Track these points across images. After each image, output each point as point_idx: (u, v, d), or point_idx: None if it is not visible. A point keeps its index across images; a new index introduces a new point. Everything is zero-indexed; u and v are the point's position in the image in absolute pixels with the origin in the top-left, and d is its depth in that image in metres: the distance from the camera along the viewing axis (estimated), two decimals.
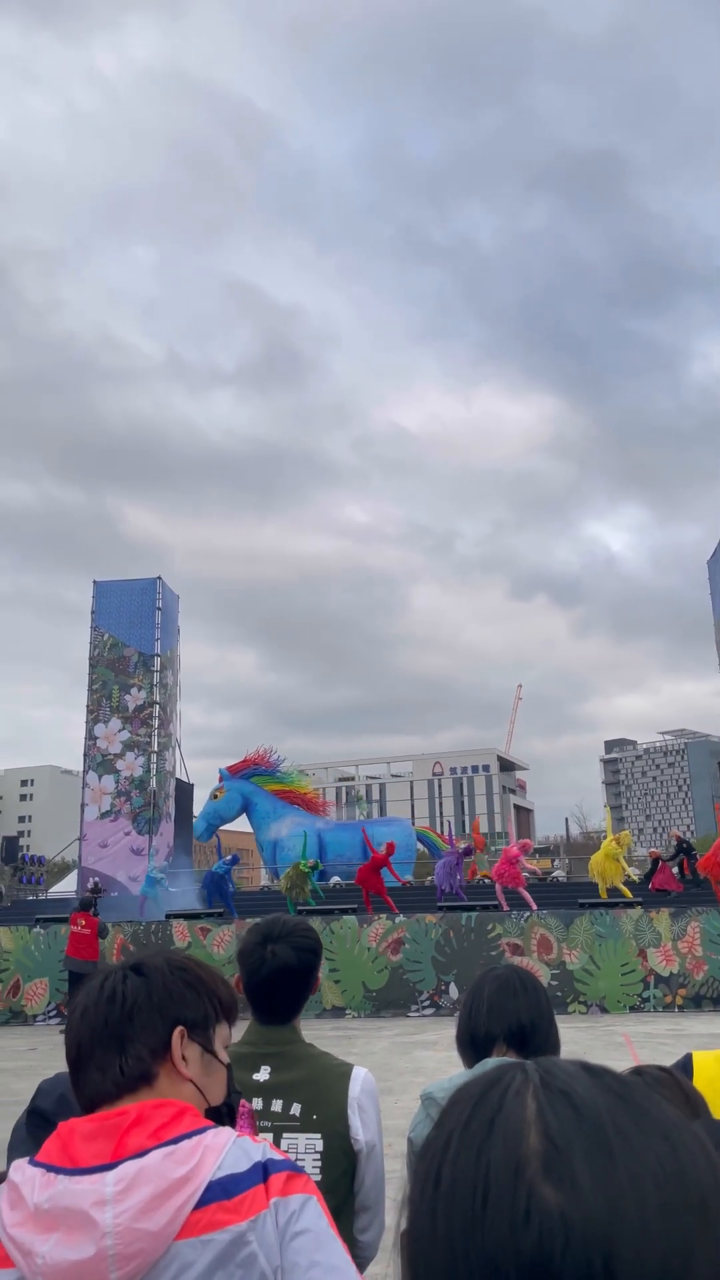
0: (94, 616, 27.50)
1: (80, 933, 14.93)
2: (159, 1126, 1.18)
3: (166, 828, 27.05)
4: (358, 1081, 2.07)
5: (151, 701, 26.67)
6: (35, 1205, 1.12)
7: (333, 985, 15.52)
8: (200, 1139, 1.17)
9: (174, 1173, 1.13)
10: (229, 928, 16.48)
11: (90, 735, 26.66)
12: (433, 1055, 11.05)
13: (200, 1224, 1.11)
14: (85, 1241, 1.09)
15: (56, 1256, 1.09)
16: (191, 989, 1.36)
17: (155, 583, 27.71)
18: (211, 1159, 1.15)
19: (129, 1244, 1.09)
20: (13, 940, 16.81)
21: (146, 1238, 1.09)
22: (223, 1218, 1.12)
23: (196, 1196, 1.12)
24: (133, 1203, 1.10)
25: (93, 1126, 1.19)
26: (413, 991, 15.57)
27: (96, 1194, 1.11)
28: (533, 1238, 0.50)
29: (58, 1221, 1.11)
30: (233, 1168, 1.16)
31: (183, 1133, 1.18)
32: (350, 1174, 2.02)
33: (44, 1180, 1.15)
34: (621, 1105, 0.55)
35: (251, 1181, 1.16)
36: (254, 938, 2.16)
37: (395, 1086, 9.07)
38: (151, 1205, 1.10)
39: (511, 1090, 0.57)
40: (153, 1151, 1.14)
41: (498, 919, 15.95)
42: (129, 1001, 1.32)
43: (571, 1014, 14.62)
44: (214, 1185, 1.14)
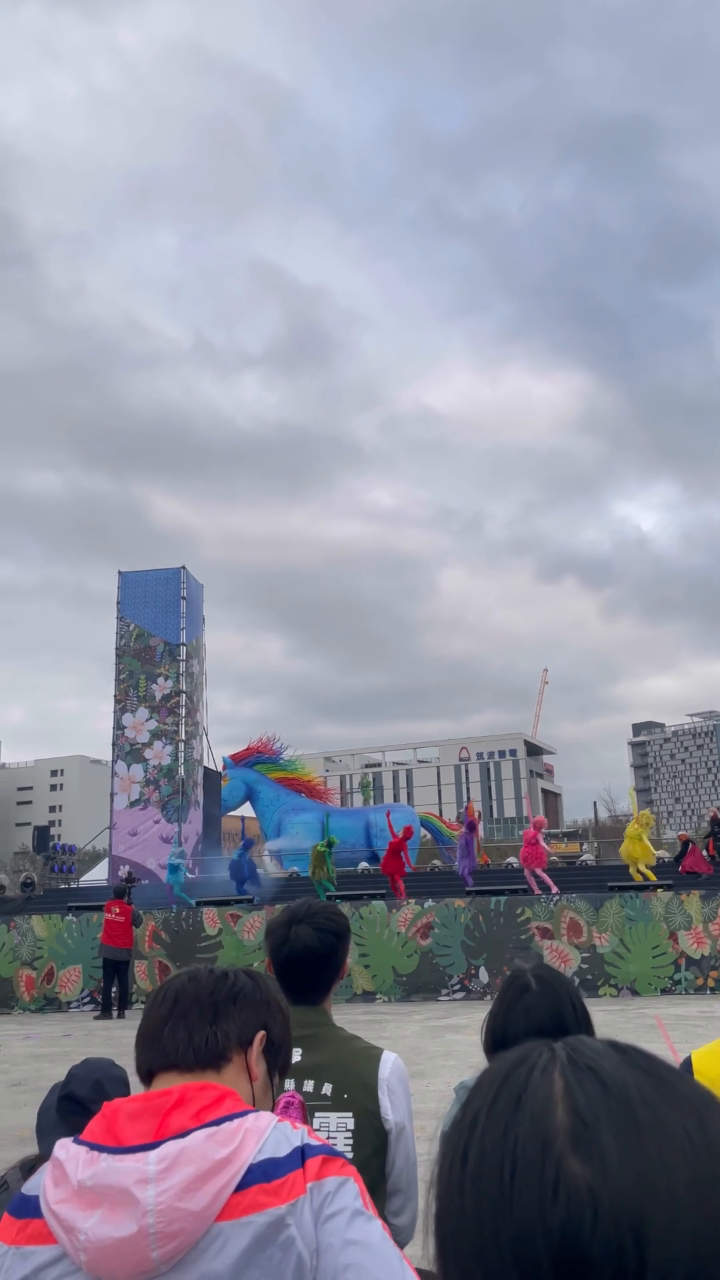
0: (120, 607, 27.68)
1: (115, 920, 15.11)
2: (201, 1108, 1.20)
3: (195, 815, 27.27)
4: (387, 1064, 2.09)
5: (178, 691, 26.84)
6: (78, 1182, 1.14)
7: (363, 970, 15.59)
8: (241, 1122, 1.19)
9: (215, 1154, 1.14)
10: (259, 914, 16.60)
11: (118, 725, 26.89)
12: (463, 1039, 11.08)
13: (241, 1206, 1.13)
14: (127, 1219, 1.10)
15: (99, 1233, 1.10)
16: (283, 1020, 1.44)
17: (180, 572, 27.83)
18: (252, 1142, 1.17)
19: (170, 1222, 1.10)
20: (46, 928, 17.03)
21: (187, 1217, 1.10)
22: (263, 1200, 1.13)
23: (238, 1179, 1.14)
24: (174, 1182, 1.11)
25: (137, 1106, 1.21)
26: (443, 976, 15.61)
27: (139, 1172, 1.12)
28: (561, 1212, 0.50)
29: (100, 1199, 1.12)
30: (273, 1152, 1.17)
31: (224, 1115, 1.19)
32: (381, 1153, 2.03)
33: (87, 1158, 1.16)
34: (649, 1080, 0.55)
35: (291, 1166, 1.17)
36: (281, 918, 2.20)
37: (426, 1070, 9.10)
38: (193, 1185, 1.11)
39: (538, 1067, 0.57)
40: (195, 1132, 1.16)
41: (527, 903, 15.94)
42: (238, 987, 1.39)
43: (602, 997, 14.61)
44: (254, 1168, 1.15)
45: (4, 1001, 16.55)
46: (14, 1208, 1.23)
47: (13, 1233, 1.20)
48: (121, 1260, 1.10)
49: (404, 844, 18.92)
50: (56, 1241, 1.15)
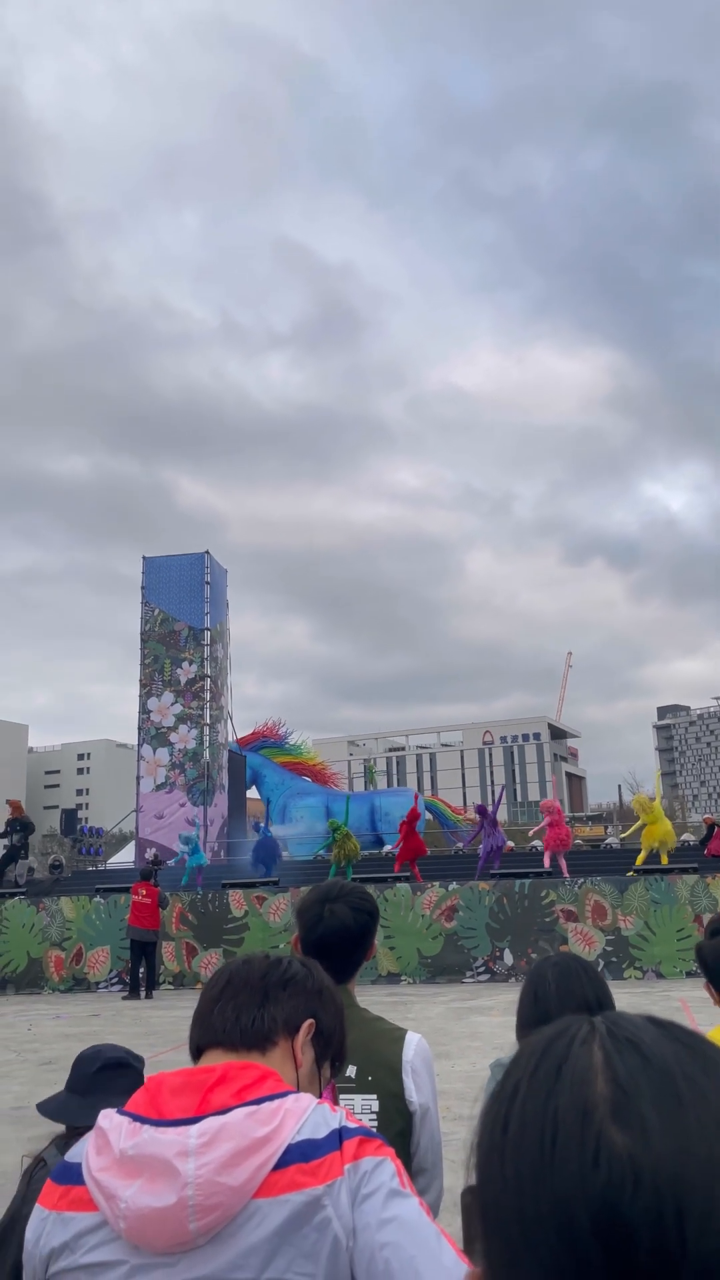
0: (144, 592, 27.81)
1: (141, 902, 15.26)
2: (243, 1087, 1.21)
3: (221, 799, 27.45)
4: (411, 1046, 2.09)
5: (202, 675, 26.96)
6: (120, 1151, 1.16)
7: (387, 952, 15.67)
8: (281, 1103, 1.20)
9: (255, 1132, 1.15)
10: (284, 896, 16.70)
11: (144, 709, 27.07)
12: (488, 1021, 11.12)
13: (279, 1185, 1.14)
14: (167, 1190, 1.12)
15: (139, 1202, 1.12)
16: (335, 1010, 1.46)
17: (203, 557, 27.90)
18: (291, 1122, 1.18)
19: (209, 1195, 1.11)
20: (75, 910, 17.23)
21: (226, 1191, 1.12)
22: (301, 1180, 1.15)
23: (276, 1157, 1.15)
24: (214, 1156, 1.13)
25: (180, 1081, 1.23)
26: (467, 958, 15.66)
27: (180, 1145, 1.14)
28: (601, 1180, 0.49)
29: (141, 1168, 1.14)
30: (312, 1133, 1.18)
31: (265, 1095, 1.21)
32: (406, 1134, 2.04)
33: (130, 1129, 1.18)
34: (689, 1053, 0.55)
35: (329, 1148, 1.18)
36: (313, 896, 2.20)
37: (452, 1051, 9.14)
38: (232, 1161, 1.13)
39: (578, 1039, 0.57)
40: (235, 1109, 1.17)
41: (551, 885, 15.94)
42: (290, 974, 1.42)
43: (628, 979, 14.60)
44: (293, 1148, 1.16)
45: (34, 982, 16.78)
46: (56, 1174, 1.26)
47: (54, 1198, 1.22)
48: (159, 1229, 1.12)
49: (411, 825, 19.10)
50: (97, 1209, 1.17)
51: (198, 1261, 1.12)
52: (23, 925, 17.16)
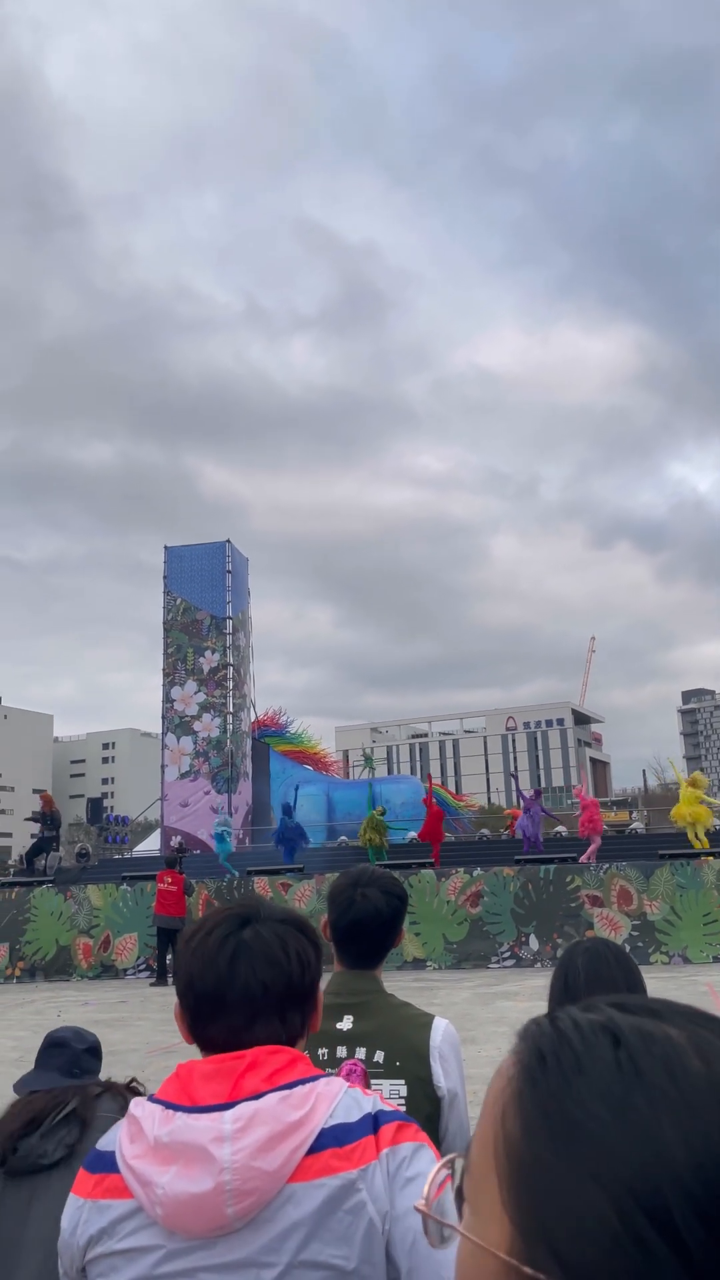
0: (166, 581, 27.91)
1: (167, 890, 15.36)
2: (273, 1071, 1.21)
3: (245, 786, 27.58)
4: (439, 1031, 2.09)
5: (225, 664, 27.06)
6: (155, 1139, 1.17)
7: (413, 938, 15.70)
8: (313, 1086, 1.21)
9: (289, 1116, 1.16)
10: (309, 883, 16.78)
11: (167, 698, 27.22)
12: (514, 1006, 11.13)
13: (313, 1169, 1.15)
14: (203, 1175, 1.13)
15: (175, 1188, 1.13)
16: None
17: (224, 546, 27.95)
18: (324, 1106, 1.19)
19: (245, 1180, 1.12)
20: (102, 897, 17.39)
21: (262, 1176, 1.12)
22: (335, 1164, 1.15)
23: (310, 1141, 1.16)
24: (249, 1141, 1.13)
25: (211, 1068, 1.23)
26: (493, 943, 15.67)
27: (215, 1131, 1.14)
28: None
29: (176, 1155, 1.15)
30: (345, 1117, 1.19)
31: (296, 1079, 1.21)
32: (434, 1120, 2.04)
33: (163, 1116, 1.19)
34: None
35: (363, 1132, 1.18)
36: (344, 881, 2.21)
37: (478, 1036, 9.16)
38: (267, 1145, 1.14)
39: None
40: (268, 1094, 1.18)
41: (576, 871, 15.91)
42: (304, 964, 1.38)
43: (654, 964, 14.56)
44: (326, 1132, 1.17)
45: (63, 969, 16.97)
46: (90, 1163, 1.27)
47: (89, 1187, 1.23)
48: (197, 1215, 1.13)
49: (443, 811, 19.13)
50: (132, 1196, 1.17)
51: (234, 1245, 1.13)
52: (51, 913, 17.34)
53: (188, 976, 1.32)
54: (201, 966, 1.31)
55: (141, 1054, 9.24)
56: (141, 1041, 10.01)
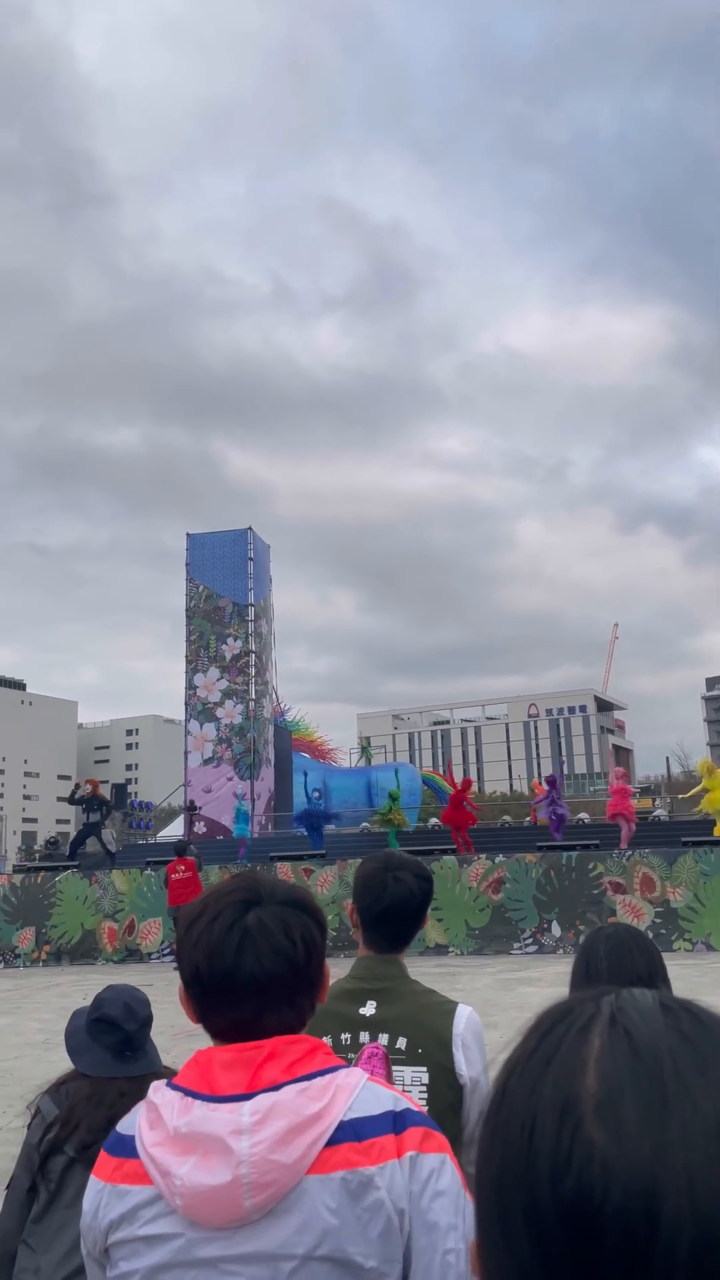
0: (188, 569, 28.00)
1: (181, 878, 15.36)
2: (292, 1062, 1.21)
3: (267, 773, 27.69)
4: (461, 1019, 2.09)
5: (247, 651, 27.14)
6: (174, 1129, 1.17)
7: (435, 923, 15.74)
8: (332, 1078, 1.20)
9: (307, 1109, 1.16)
10: (331, 868, 16.85)
11: (190, 685, 27.35)
12: (537, 991, 11.14)
13: (331, 1162, 1.15)
14: (222, 1167, 1.13)
15: (194, 1179, 1.13)
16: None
17: (246, 533, 27.99)
18: (343, 1099, 1.18)
19: (263, 1173, 1.12)
20: (127, 882, 17.55)
21: (280, 1169, 1.13)
22: (354, 1159, 1.15)
23: (328, 1134, 1.16)
24: (268, 1134, 1.14)
25: (230, 1056, 1.23)
26: (515, 929, 15.69)
27: (234, 1123, 1.15)
28: (573, 1180, 0.48)
29: (195, 1145, 1.15)
30: (363, 1110, 1.19)
31: (315, 1070, 1.21)
32: (456, 1107, 2.04)
33: (182, 1104, 1.19)
34: (688, 1050, 0.51)
35: (382, 1129, 1.18)
36: (375, 865, 2.22)
37: (500, 1021, 9.18)
38: (285, 1138, 1.14)
39: (578, 1025, 0.54)
40: (287, 1086, 1.18)
41: (599, 858, 15.87)
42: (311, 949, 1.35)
43: (677, 951, 14.52)
44: (345, 1126, 1.17)
45: (88, 953, 17.16)
46: (110, 1146, 1.27)
47: (109, 1170, 1.24)
48: (215, 1206, 1.13)
49: (465, 795, 19.12)
50: (152, 1182, 1.18)
51: (253, 1236, 1.14)
52: (76, 898, 17.53)
53: (194, 966, 1.30)
54: (207, 957, 1.28)
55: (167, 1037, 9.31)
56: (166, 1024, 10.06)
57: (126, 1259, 1.19)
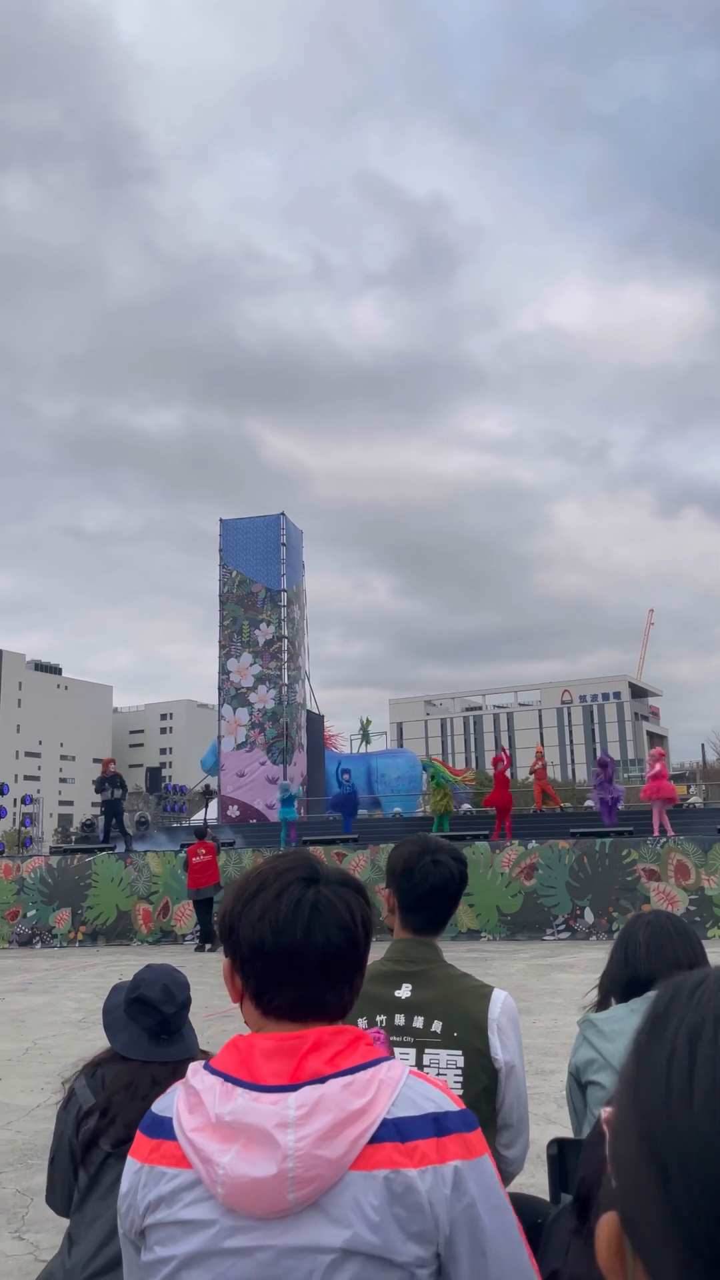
0: (222, 554, 28.11)
1: (201, 862, 15.52)
2: (335, 1053, 1.21)
3: (300, 758, 27.81)
4: (497, 1003, 2.09)
5: (280, 636, 27.23)
6: (216, 1116, 1.17)
7: (467, 909, 15.75)
8: (375, 1072, 1.20)
9: (352, 1104, 1.16)
10: (364, 853, 16.91)
11: (223, 670, 27.51)
12: (570, 978, 11.11)
13: (374, 1159, 1.15)
14: (266, 1160, 1.13)
15: (238, 1170, 1.13)
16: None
17: (279, 519, 28.03)
18: (386, 1095, 1.18)
19: (308, 1168, 1.12)
20: (160, 864, 17.74)
21: (324, 1164, 1.13)
22: (398, 1159, 1.15)
23: (372, 1131, 1.15)
24: (313, 1129, 1.13)
25: (273, 1045, 1.22)
26: (547, 916, 15.66)
27: (279, 1116, 1.14)
28: None
29: (238, 1135, 1.15)
30: (407, 1110, 1.18)
31: (358, 1063, 1.20)
32: (491, 1091, 2.05)
33: (224, 1091, 1.19)
34: None
35: (425, 1131, 1.18)
36: (415, 848, 2.23)
37: (534, 1007, 9.18)
38: (330, 1133, 1.13)
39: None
40: (331, 1079, 1.17)
41: (633, 844, 15.78)
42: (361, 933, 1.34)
43: (712, 939, 14.41)
44: (389, 1124, 1.16)
45: (123, 934, 17.38)
46: (146, 1126, 1.27)
47: (145, 1151, 1.24)
48: (258, 1198, 1.13)
49: (503, 775, 19.11)
50: (190, 1167, 1.18)
51: (292, 1228, 1.14)
52: (112, 879, 17.74)
53: (257, 940, 1.28)
54: (274, 931, 1.27)
55: (200, 1018, 9.43)
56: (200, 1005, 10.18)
57: (163, 1244, 1.19)
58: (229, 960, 1.32)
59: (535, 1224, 1.87)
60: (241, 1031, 1.30)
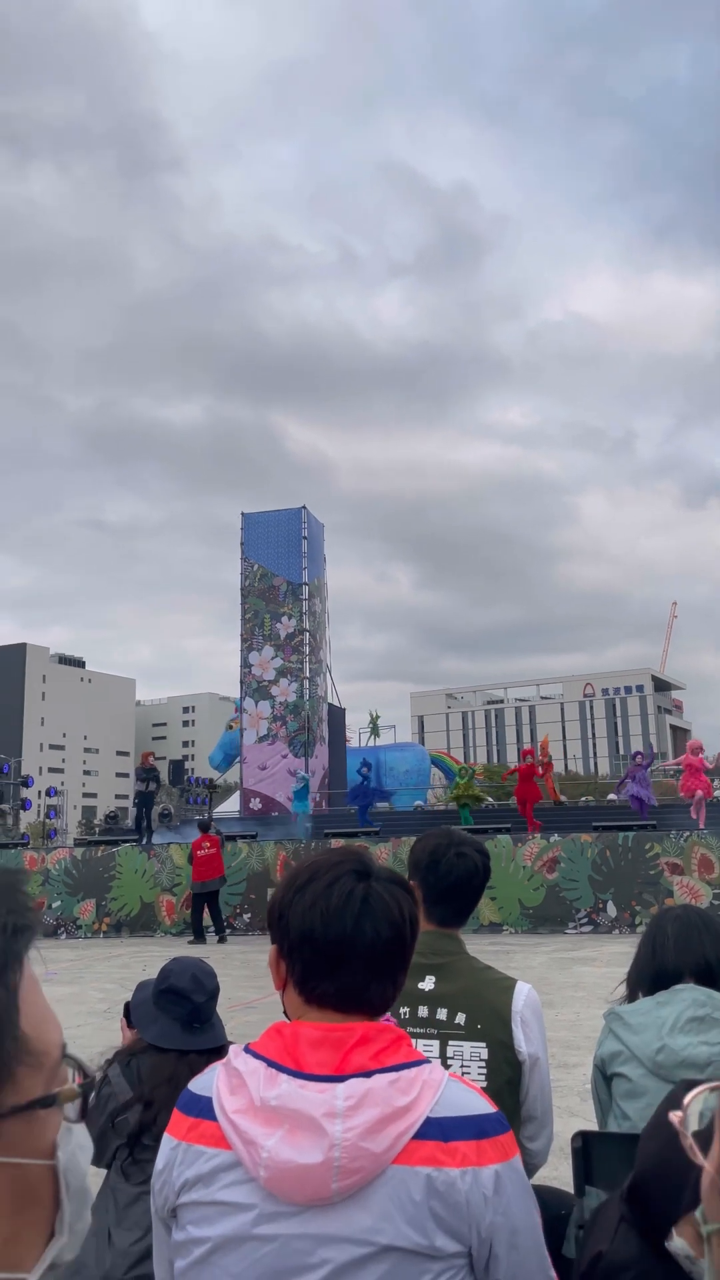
0: (243, 548, 28.18)
1: (206, 855, 15.60)
2: (380, 1049, 1.22)
3: (321, 751, 27.88)
4: (520, 996, 2.09)
5: (301, 629, 27.28)
6: (261, 1100, 1.18)
7: (489, 902, 15.73)
8: (419, 1072, 1.21)
9: (397, 1100, 1.17)
10: (385, 846, 16.92)
11: (245, 663, 27.60)
12: (592, 971, 11.08)
13: (416, 1156, 1.16)
14: (313, 1148, 1.14)
15: (282, 1154, 1.14)
16: None
17: (300, 512, 28.06)
18: (430, 1095, 1.19)
19: (353, 1159, 1.13)
20: (184, 857, 17.83)
21: (368, 1156, 1.14)
22: (439, 1158, 1.16)
23: (415, 1128, 1.17)
24: (360, 1121, 1.15)
25: (319, 1035, 1.23)
26: (569, 909, 15.62)
27: (328, 1105, 1.15)
28: None
29: (283, 1120, 1.16)
30: (449, 1111, 1.20)
31: (401, 1061, 1.21)
32: (514, 1084, 2.05)
33: (268, 1076, 1.20)
34: None
35: (466, 1133, 1.19)
36: (439, 841, 2.25)
37: (556, 1000, 9.16)
38: (376, 1127, 1.15)
39: None
40: (377, 1074, 1.18)
41: (656, 838, 15.70)
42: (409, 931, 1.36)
43: None
44: (431, 1123, 1.18)
45: (147, 925, 17.50)
46: (184, 1104, 1.28)
47: (183, 1129, 1.25)
48: (301, 1185, 1.14)
49: (535, 769, 19.05)
50: (230, 1148, 1.19)
51: (331, 1218, 1.14)
52: (135, 871, 17.87)
53: (306, 927, 1.29)
54: (323, 920, 1.28)
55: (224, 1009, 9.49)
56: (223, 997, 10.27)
57: (196, 1224, 1.20)
58: (275, 947, 1.34)
59: (559, 1216, 1.87)
60: (266, 1022, 1.31)
